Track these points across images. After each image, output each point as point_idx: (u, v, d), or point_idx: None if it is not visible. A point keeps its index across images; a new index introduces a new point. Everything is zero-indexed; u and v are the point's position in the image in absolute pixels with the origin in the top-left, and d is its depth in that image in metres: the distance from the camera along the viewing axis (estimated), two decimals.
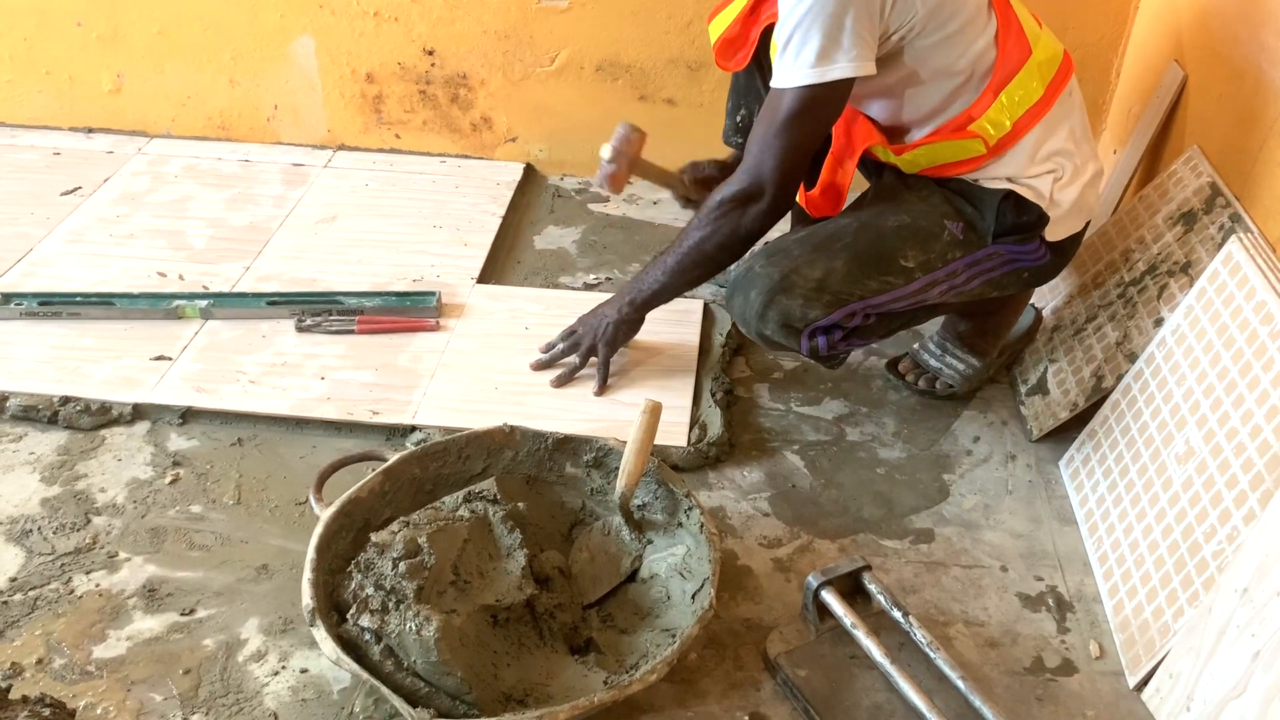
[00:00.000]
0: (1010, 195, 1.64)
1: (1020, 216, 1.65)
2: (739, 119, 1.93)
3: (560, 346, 1.92)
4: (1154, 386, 1.63)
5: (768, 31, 1.72)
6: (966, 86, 1.61)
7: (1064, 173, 1.66)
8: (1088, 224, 1.76)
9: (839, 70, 1.50)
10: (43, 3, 2.50)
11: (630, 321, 1.87)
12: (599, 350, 1.87)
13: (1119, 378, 1.72)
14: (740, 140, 1.94)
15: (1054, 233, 1.69)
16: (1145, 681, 1.40)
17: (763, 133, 1.60)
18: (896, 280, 1.64)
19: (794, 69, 1.52)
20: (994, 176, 1.65)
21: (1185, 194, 1.83)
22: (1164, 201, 1.88)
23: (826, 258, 1.62)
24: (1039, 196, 1.64)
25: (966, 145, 1.62)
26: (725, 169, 2.01)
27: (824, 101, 1.55)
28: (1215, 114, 1.86)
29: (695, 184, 2.01)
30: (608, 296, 1.97)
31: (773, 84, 1.57)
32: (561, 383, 1.88)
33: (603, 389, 1.87)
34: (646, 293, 1.82)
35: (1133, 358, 1.72)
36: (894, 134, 1.69)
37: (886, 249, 1.63)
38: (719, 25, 1.79)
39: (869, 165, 1.77)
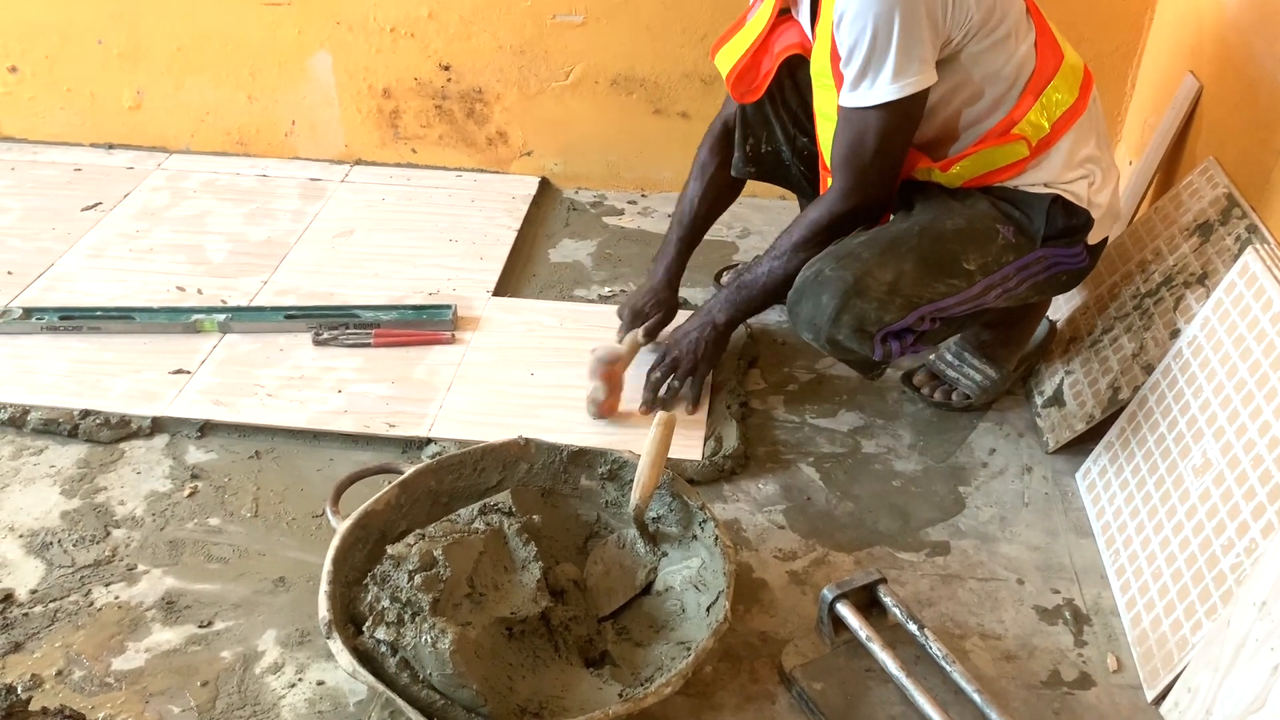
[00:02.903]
0: (1058, 199, 1.66)
1: (1070, 219, 1.67)
2: (748, 149, 1.92)
3: (658, 374, 1.85)
4: (1170, 398, 1.62)
5: (785, 62, 1.73)
6: (1011, 92, 1.63)
7: (1095, 178, 1.68)
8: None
9: (915, 83, 1.54)
10: (65, 20, 2.53)
11: (724, 338, 1.87)
12: (699, 369, 1.86)
13: (1135, 390, 1.71)
14: (751, 170, 1.93)
15: (1093, 236, 1.72)
16: (1163, 695, 1.39)
17: (855, 154, 1.62)
18: (960, 283, 1.65)
19: (874, 88, 1.55)
20: (1033, 183, 1.67)
21: (1201, 205, 1.82)
22: (1180, 213, 1.87)
23: (896, 260, 1.62)
24: (1079, 200, 1.66)
25: (1010, 149, 1.64)
26: (660, 302, 1.96)
27: (910, 115, 1.59)
28: (1231, 125, 1.86)
29: (652, 332, 1.93)
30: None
31: (850, 105, 1.59)
32: (696, 407, 1.85)
33: (697, 407, 1.86)
34: (743, 310, 1.83)
35: (1149, 369, 1.71)
36: (938, 148, 1.69)
37: (950, 252, 1.64)
38: (727, 58, 1.79)
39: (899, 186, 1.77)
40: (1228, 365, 1.52)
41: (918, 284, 1.63)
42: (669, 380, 1.85)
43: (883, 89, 1.55)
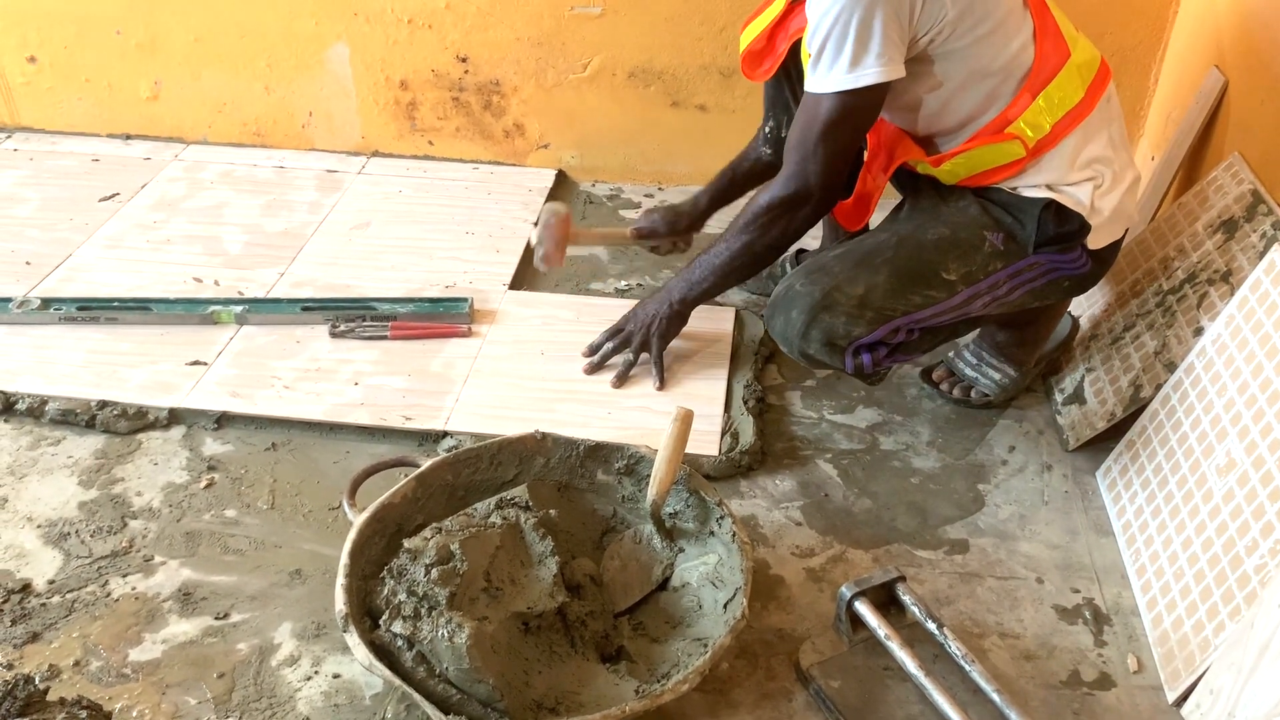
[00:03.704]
0: (1051, 204, 1.62)
1: (1062, 225, 1.63)
2: (767, 130, 1.92)
3: (609, 345, 1.93)
4: (1194, 397, 1.60)
5: (797, 43, 1.72)
6: (1003, 88, 1.59)
7: (1104, 180, 1.64)
8: (1125, 231, 1.74)
9: (872, 76, 1.51)
10: (83, 11, 2.54)
11: (680, 316, 1.90)
12: (652, 345, 1.89)
13: (1158, 388, 1.69)
14: (768, 152, 1.94)
15: (1095, 240, 1.67)
16: (1185, 697, 1.38)
17: (802, 139, 1.62)
18: (939, 294, 1.63)
19: (829, 76, 1.53)
20: (1033, 184, 1.64)
21: (1226, 201, 1.80)
22: (1204, 209, 1.85)
23: (868, 274, 1.61)
24: (1079, 204, 1.62)
25: (1005, 149, 1.61)
26: (677, 219, 2.04)
27: (860, 108, 1.57)
28: (1257, 120, 1.84)
29: (644, 236, 2.05)
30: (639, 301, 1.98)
31: (808, 90, 1.58)
32: (621, 381, 1.90)
33: (663, 383, 1.89)
34: (696, 290, 1.85)
35: (1172, 367, 1.69)
36: (931, 143, 1.68)
37: (927, 262, 1.62)
38: (748, 36, 1.80)
39: (902, 176, 1.76)
40: (1253, 364, 1.51)
41: (891, 296, 1.61)
42: (618, 353, 1.91)
43: (837, 77, 1.53)
